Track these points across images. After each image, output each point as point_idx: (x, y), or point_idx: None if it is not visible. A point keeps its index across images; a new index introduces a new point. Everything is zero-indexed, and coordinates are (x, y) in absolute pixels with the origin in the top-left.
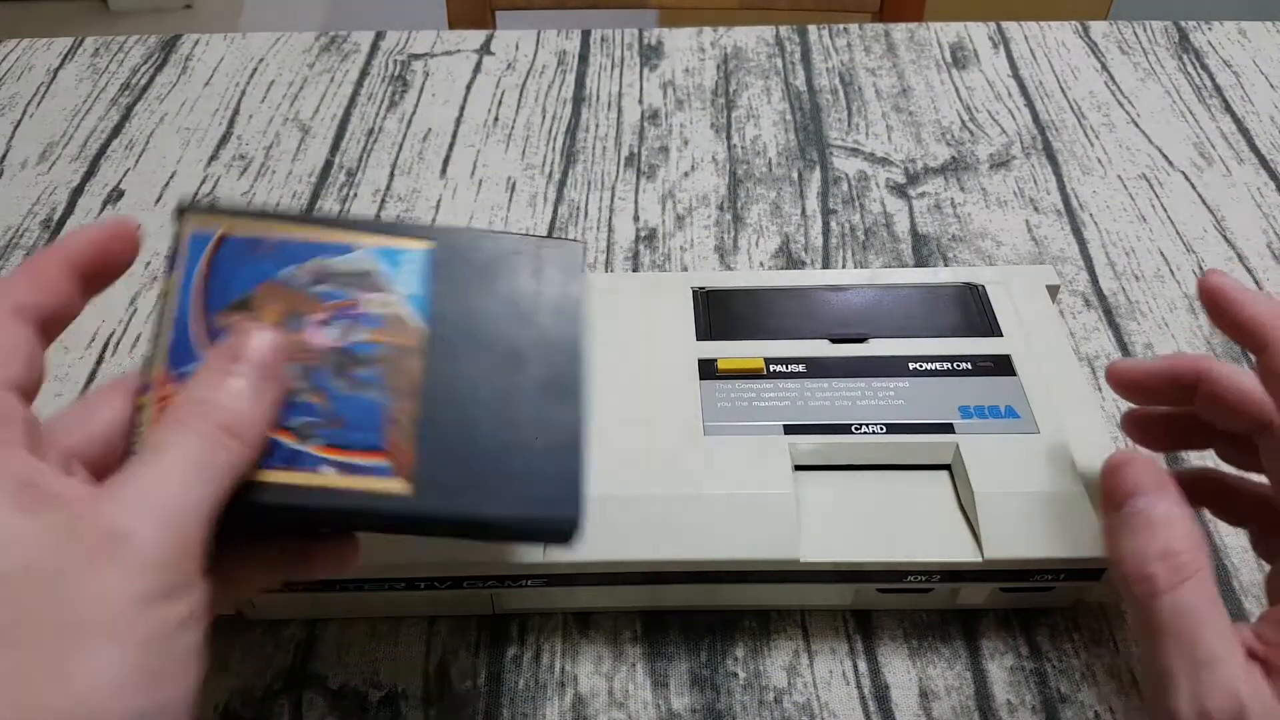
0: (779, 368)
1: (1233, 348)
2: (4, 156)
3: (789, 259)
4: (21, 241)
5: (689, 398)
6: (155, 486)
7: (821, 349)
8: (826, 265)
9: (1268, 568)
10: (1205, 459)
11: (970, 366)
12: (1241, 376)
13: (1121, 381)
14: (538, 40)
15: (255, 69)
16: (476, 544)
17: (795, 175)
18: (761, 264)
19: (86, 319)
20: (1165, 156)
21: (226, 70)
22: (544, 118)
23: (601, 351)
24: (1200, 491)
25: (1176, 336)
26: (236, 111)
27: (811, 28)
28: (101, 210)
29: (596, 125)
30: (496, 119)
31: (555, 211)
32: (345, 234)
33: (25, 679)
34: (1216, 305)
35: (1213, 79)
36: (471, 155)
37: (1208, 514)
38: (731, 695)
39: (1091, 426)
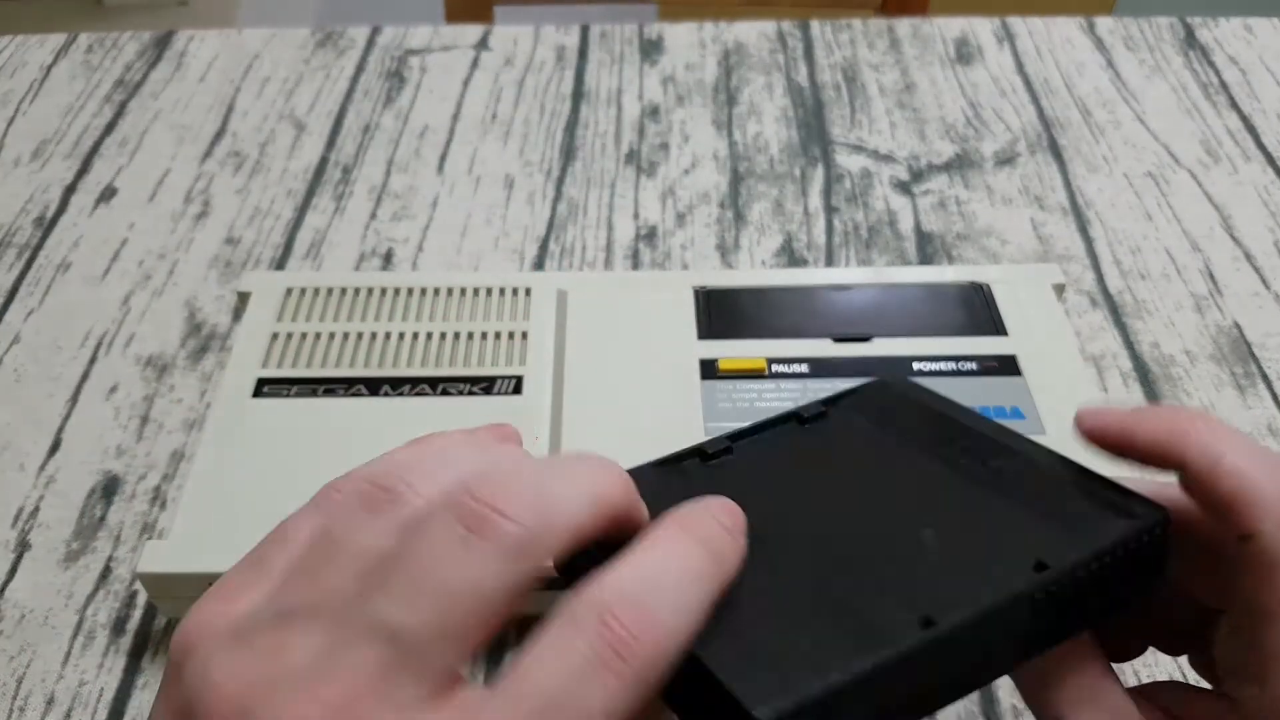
0: (781, 368)
1: (1244, 355)
2: None
3: (791, 257)
4: (14, 240)
5: (690, 398)
6: None
7: (825, 349)
8: (829, 264)
9: None
10: None
11: (975, 366)
12: (1241, 476)
13: (1095, 438)
14: (536, 35)
15: (250, 65)
16: None
17: (798, 172)
18: (763, 263)
19: (80, 318)
20: (1171, 154)
21: (221, 67)
22: (542, 114)
23: (602, 352)
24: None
25: (1184, 335)
26: (231, 108)
27: (814, 23)
28: (95, 208)
29: (596, 122)
30: (494, 115)
31: (554, 209)
32: None
33: None
34: (1107, 444)
35: (1219, 75)
36: (469, 152)
37: None
38: None
39: None
